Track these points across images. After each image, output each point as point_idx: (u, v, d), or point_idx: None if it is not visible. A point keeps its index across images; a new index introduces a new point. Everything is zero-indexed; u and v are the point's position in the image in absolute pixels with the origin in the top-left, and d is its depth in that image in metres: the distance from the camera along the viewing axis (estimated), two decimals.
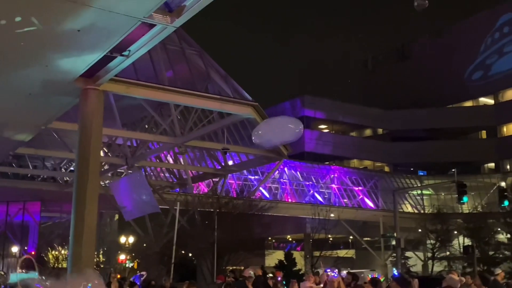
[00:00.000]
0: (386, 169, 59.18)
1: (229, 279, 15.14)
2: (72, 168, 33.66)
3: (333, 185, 44.45)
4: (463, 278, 13.13)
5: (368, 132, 64.46)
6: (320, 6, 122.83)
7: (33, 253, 35.43)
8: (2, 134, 19.93)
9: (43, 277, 13.73)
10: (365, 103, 61.64)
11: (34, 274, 13.68)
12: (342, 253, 42.17)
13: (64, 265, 30.82)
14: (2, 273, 26.50)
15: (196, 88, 22.41)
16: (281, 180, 42.09)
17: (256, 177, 39.83)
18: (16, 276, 13.68)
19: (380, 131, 63.35)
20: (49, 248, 35.41)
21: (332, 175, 45.00)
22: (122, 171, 33.73)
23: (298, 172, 43.41)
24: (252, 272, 15.33)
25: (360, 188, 45.37)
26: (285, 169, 41.93)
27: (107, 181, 31.92)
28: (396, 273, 25.19)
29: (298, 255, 38.56)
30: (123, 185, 28.77)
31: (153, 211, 28.18)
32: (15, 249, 36.86)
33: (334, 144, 56.52)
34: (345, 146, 56.98)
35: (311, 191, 42.92)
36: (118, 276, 15.47)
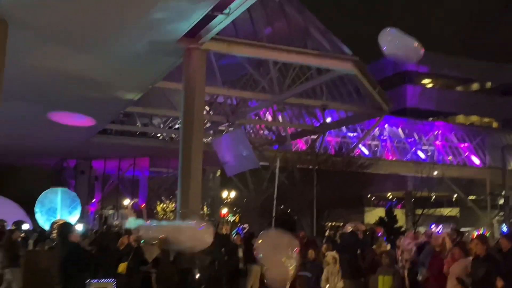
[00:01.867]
0: (495, 125, 55.89)
1: (331, 232, 15.37)
2: (177, 126, 35.07)
3: (437, 142, 42.80)
4: None
5: (475, 86, 60.87)
6: None
7: (143, 206, 37.75)
8: (113, 94, 21.20)
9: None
10: (472, 56, 58.08)
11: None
12: (445, 211, 40.96)
13: (171, 217, 32.54)
14: (117, 223, 28.49)
15: (294, 44, 22.27)
16: (382, 137, 41.14)
17: (355, 134, 39.21)
18: (134, 221, 14.69)
19: (488, 85, 59.59)
20: (157, 202, 37.56)
21: (436, 132, 43.29)
22: (223, 128, 34.65)
23: (399, 129, 42.20)
24: (351, 228, 15.30)
25: (465, 144, 43.34)
26: (386, 125, 40.88)
27: (209, 138, 32.97)
28: (506, 229, 24.06)
29: (399, 213, 37.97)
30: (224, 141, 29.58)
31: (253, 167, 28.79)
32: (127, 202, 39.51)
33: (438, 100, 54.03)
34: (450, 101, 54.23)
35: (413, 148, 41.67)
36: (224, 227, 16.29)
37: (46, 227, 24.64)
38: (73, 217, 24.68)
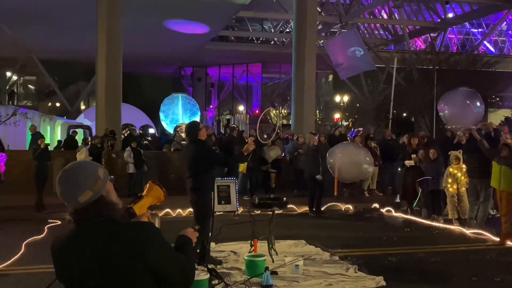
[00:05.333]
0: None
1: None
2: (288, 30, 34.60)
3: None
4: None
5: None
6: None
7: (257, 111, 38.56)
8: None
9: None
10: None
11: None
12: None
13: (285, 122, 33.02)
14: (235, 125, 29.54)
15: None
16: (510, 32, 37.85)
17: (480, 30, 36.45)
18: None
19: None
20: (270, 107, 38.13)
21: None
22: (336, 30, 33.60)
23: None
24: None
25: None
26: None
27: (321, 41, 32.20)
28: None
29: None
30: (337, 43, 28.77)
31: (368, 69, 27.92)
32: (241, 107, 40.59)
33: None
34: None
35: None
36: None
37: (170, 130, 26.25)
38: None
